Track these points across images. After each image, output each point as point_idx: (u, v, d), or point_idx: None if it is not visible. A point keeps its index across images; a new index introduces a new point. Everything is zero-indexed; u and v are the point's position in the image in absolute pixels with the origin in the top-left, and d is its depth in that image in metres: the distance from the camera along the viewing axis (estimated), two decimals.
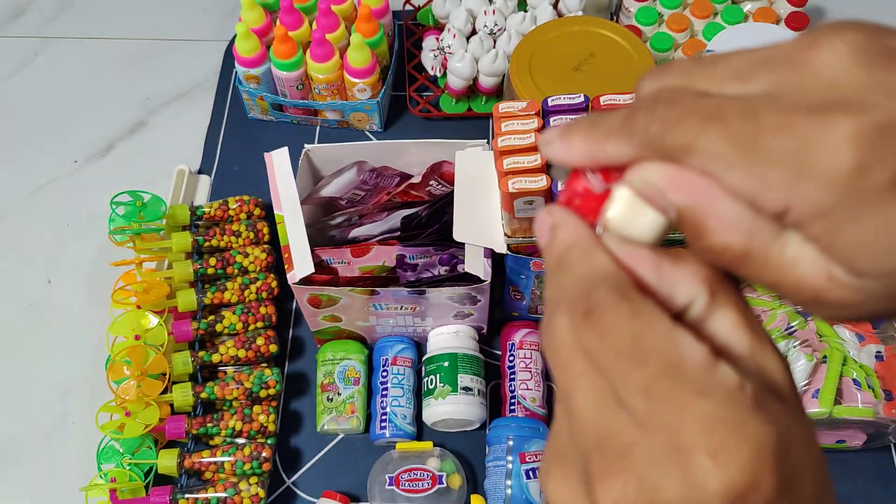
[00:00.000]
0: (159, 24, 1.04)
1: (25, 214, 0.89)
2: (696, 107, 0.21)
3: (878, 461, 0.73)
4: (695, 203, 0.22)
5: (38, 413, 0.77)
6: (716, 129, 0.21)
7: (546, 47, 0.80)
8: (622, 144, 0.23)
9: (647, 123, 0.22)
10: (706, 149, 0.21)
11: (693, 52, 0.90)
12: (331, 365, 0.75)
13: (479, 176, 0.68)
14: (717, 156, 0.21)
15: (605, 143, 0.23)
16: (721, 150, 0.21)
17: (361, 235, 0.74)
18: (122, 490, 0.66)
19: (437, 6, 0.93)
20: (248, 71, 0.87)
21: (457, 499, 0.68)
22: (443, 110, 0.92)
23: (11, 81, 0.99)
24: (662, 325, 0.21)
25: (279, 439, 0.74)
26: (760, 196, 0.20)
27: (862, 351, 0.69)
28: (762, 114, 0.20)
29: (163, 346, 0.71)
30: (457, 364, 0.72)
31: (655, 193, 0.23)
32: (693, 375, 0.20)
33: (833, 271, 0.21)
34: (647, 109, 0.22)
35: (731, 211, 0.21)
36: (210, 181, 0.90)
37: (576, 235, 0.24)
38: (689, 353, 0.21)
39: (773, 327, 0.72)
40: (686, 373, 0.20)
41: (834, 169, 0.19)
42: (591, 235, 0.24)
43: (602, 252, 0.23)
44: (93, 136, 0.94)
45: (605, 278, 0.23)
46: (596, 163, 0.24)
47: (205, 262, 0.76)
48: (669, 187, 0.22)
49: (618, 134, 0.23)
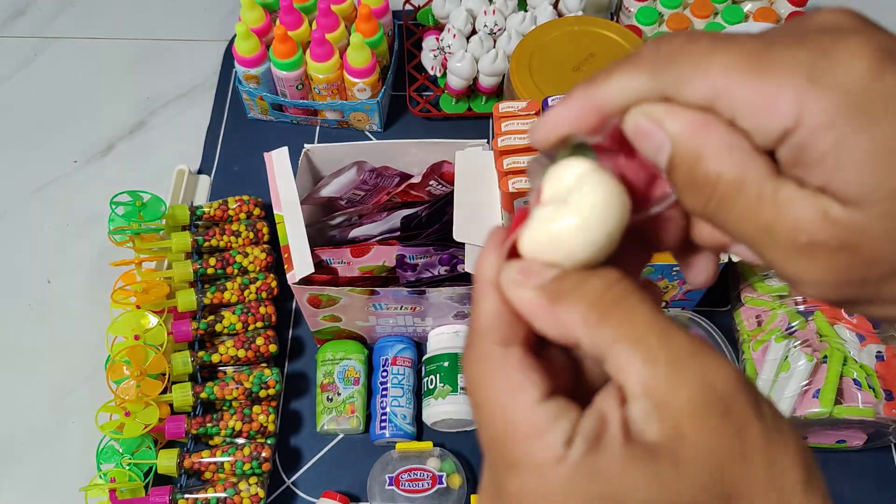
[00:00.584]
0: (159, 24, 1.04)
1: (25, 214, 0.89)
2: (705, 33, 0.22)
3: (878, 461, 0.73)
4: (693, 130, 0.22)
5: (37, 413, 0.77)
6: (727, 46, 0.21)
7: (546, 47, 0.80)
8: (626, 77, 0.22)
9: (656, 49, 0.22)
10: (717, 63, 0.21)
11: None
12: (330, 365, 0.75)
13: (479, 176, 0.68)
14: (728, 70, 0.20)
15: (609, 82, 0.23)
16: (732, 64, 0.20)
17: (361, 235, 0.74)
18: (121, 490, 0.66)
19: (437, 6, 0.93)
20: (248, 71, 0.87)
21: (457, 499, 0.68)
22: (443, 110, 0.92)
23: (11, 81, 0.99)
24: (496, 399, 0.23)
25: (279, 439, 0.74)
26: (772, 107, 0.20)
27: (862, 351, 0.68)
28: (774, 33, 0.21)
29: (162, 346, 0.71)
30: (457, 364, 0.72)
31: (652, 126, 0.22)
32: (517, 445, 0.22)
33: (830, 209, 0.20)
34: (654, 40, 0.22)
35: (727, 137, 0.21)
36: (210, 181, 0.90)
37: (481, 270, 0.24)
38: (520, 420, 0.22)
39: (773, 327, 0.72)
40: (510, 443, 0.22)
41: (849, 73, 0.19)
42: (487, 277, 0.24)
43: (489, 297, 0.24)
44: (93, 136, 0.94)
45: (478, 330, 0.24)
46: (598, 111, 0.23)
47: (204, 262, 0.76)
48: (667, 116, 0.22)
49: (623, 68, 0.23)
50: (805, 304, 0.72)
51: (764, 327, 0.73)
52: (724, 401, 0.21)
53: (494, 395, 0.23)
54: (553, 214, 0.23)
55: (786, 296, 0.74)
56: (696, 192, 0.22)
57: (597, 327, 0.22)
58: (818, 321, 0.70)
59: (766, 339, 0.72)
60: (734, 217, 0.22)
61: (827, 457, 0.72)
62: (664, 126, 0.22)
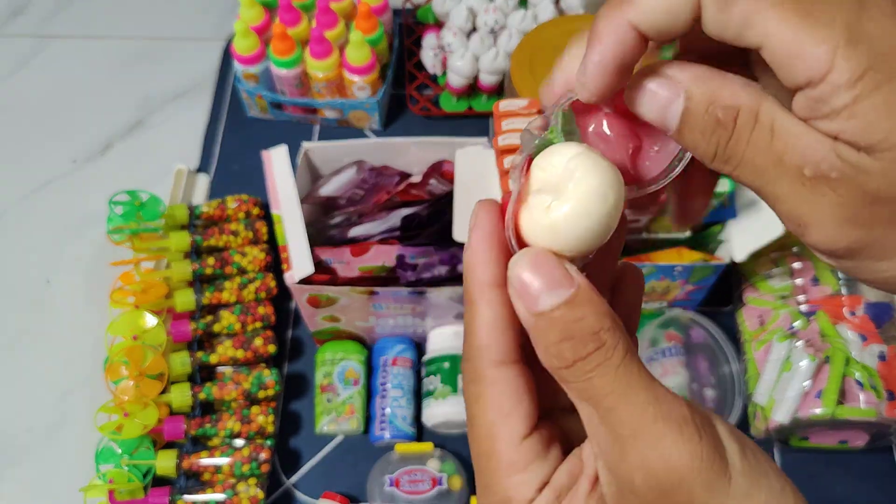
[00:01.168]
0: (158, 22, 1.04)
1: (24, 214, 0.89)
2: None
3: (880, 462, 0.73)
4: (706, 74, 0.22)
5: (36, 413, 0.76)
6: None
7: (547, 45, 0.80)
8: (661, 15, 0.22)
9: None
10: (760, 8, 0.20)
11: None
12: (330, 365, 0.75)
13: (480, 175, 0.68)
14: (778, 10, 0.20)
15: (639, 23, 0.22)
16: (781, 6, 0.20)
17: (361, 235, 0.74)
18: (120, 491, 0.66)
19: (438, 4, 0.93)
20: (247, 69, 0.86)
21: (457, 500, 0.68)
22: (443, 109, 0.92)
23: (10, 81, 0.99)
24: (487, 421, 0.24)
25: (278, 440, 0.74)
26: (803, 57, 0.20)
27: (864, 351, 0.68)
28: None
29: (161, 347, 0.70)
30: (457, 365, 0.71)
31: (661, 83, 0.22)
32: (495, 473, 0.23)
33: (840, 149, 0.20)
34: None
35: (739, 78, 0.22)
36: (209, 180, 0.89)
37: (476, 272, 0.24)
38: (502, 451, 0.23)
39: (775, 327, 0.72)
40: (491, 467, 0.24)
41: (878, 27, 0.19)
42: (484, 279, 0.24)
43: (486, 304, 0.24)
44: (91, 135, 0.94)
45: (475, 345, 0.24)
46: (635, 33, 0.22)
47: (203, 262, 0.75)
48: (679, 70, 0.22)
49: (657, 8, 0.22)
50: (808, 303, 0.72)
51: (766, 327, 0.73)
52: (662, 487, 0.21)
53: (484, 418, 0.24)
54: (549, 203, 0.23)
55: (788, 296, 0.73)
56: (713, 133, 0.22)
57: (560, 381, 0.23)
58: (821, 321, 0.70)
59: (768, 339, 0.71)
60: (749, 150, 0.22)
61: (829, 457, 0.72)
62: (677, 77, 0.22)
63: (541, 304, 0.22)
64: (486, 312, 0.24)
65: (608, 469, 0.22)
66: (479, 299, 0.24)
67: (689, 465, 0.21)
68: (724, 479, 0.21)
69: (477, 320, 0.24)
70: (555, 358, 0.22)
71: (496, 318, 0.24)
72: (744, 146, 0.22)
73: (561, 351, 0.22)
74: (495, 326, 0.24)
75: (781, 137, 0.21)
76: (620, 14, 0.22)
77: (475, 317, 0.24)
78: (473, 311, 0.24)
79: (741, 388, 0.72)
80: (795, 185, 0.21)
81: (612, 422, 0.22)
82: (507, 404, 0.23)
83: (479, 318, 0.24)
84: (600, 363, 0.22)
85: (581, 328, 0.22)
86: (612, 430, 0.22)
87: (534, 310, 0.22)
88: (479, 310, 0.24)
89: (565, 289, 0.22)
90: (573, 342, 0.22)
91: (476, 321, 0.24)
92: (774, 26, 0.20)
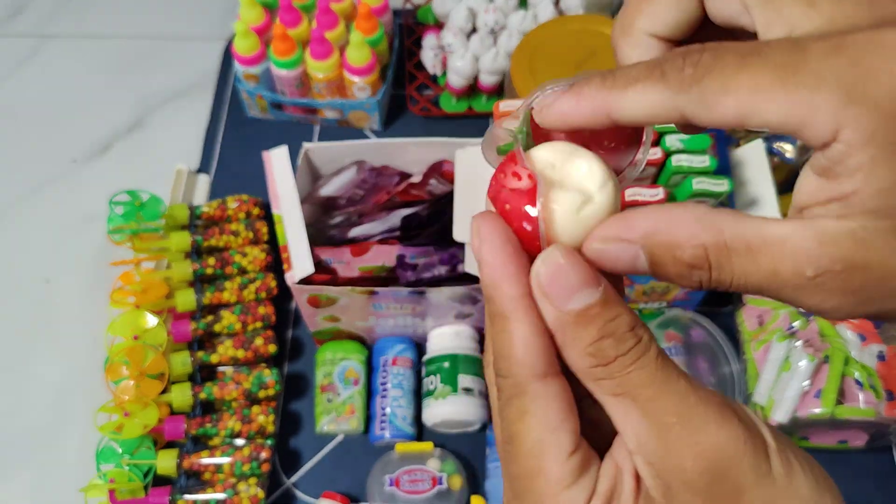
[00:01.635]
0: (158, 22, 1.04)
1: (24, 214, 0.89)
2: (733, 46, 0.20)
3: (879, 461, 0.73)
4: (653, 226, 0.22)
5: (36, 413, 0.77)
6: (755, 61, 0.20)
7: (547, 45, 0.80)
8: (647, 91, 0.21)
9: (681, 66, 0.21)
10: (745, 81, 0.20)
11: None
12: (330, 365, 0.75)
13: (480, 175, 0.68)
14: (757, 88, 0.19)
15: (626, 92, 0.22)
16: (761, 81, 0.19)
17: (361, 235, 0.74)
18: (121, 490, 0.66)
19: (438, 4, 0.93)
20: (247, 69, 0.86)
21: (457, 500, 0.68)
22: (443, 109, 0.92)
23: (9, 81, 0.99)
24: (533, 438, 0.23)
25: (278, 440, 0.74)
26: (808, 124, 0.19)
27: (864, 351, 0.68)
28: (806, 42, 0.19)
29: (162, 347, 0.70)
30: (457, 365, 0.71)
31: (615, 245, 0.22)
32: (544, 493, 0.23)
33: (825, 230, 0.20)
34: (678, 54, 0.21)
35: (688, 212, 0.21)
36: (209, 180, 0.90)
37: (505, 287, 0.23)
38: (550, 469, 0.23)
39: (775, 327, 0.72)
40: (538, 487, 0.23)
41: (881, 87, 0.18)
42: (516, 293, 0.23)
43: (521, 319, 0.23)
44: (91, 135, 0.94)
45: (514, 359, 0.23)
46: (609, 118, 0.22)
47: (203, 262, 0.75)
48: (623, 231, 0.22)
49: (646, 80, 0.21)
50: None
51: (765, 327, 0.73)
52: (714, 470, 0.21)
53: (529, 436, 0.23)
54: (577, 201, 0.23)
55: None
56: (691, 274, 0.22)
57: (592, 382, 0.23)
58: (820, 321, 0.70)
59: (767, 339, 0.71)
60: (737, 276, 0.21)
61: (828, 457, 0.72)
62: (627, 239, 0.22)
63: (573, 303, 0.22)
64: (523, 325, 0.23)
65: (650, 464, 0.22)
66: (513, 314, 0.23)
67: (735, 446, 0.21)
68: (765, 460, 0.21)
69: (514, 335, 0.23)
70: (593, 357, 0.22)
71: (534, 330, 0.23)
72: (730, 276, 0.21)
73: (601, 349, 0.22)
74: (534, 339, 0.23)
75: (764, 252, 0.20)
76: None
77: (511, 331, 0.23)
78: (506, 325, 0.23)
79: (741, 388, 0.72)
80: (799, 288, 0.20)
81: (655, 412, 0.21)
82: (554, 419, 0.23)
83: (516, 332, 0.23)
84: (639, 356, 0.22)
85: (618, 325, 0.22)
86: (656, 421, 0.21)
87: (565, 309, 0.22)
88: (514, 324, 0.23)
89: (595, 287, 0.22)
90: (613, 338, 0.22)
91: (513, 336, 0.23)
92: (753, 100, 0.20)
